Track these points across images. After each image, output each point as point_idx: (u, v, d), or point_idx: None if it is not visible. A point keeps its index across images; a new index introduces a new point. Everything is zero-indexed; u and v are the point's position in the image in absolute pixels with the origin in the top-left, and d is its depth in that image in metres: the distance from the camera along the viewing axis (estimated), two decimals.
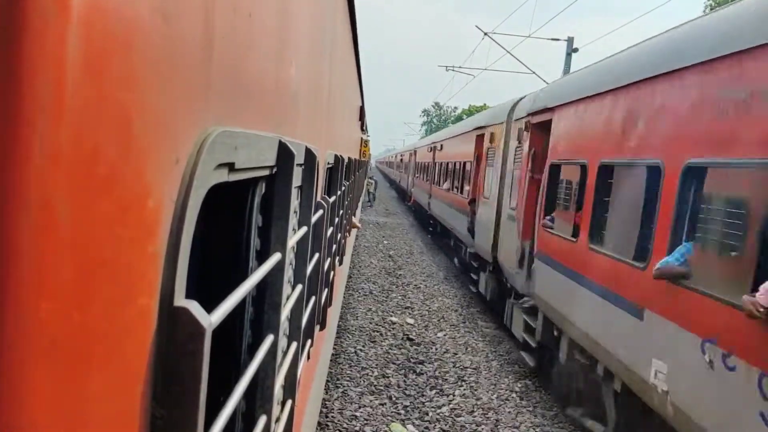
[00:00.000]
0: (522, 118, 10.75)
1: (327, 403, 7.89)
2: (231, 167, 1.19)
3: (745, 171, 4.68)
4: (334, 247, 5.15)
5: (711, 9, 38.24)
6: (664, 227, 5.42)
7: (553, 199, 8.90)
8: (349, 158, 7.34)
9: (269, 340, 1.59)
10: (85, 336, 0.69)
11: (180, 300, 0.91)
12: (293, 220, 2.05)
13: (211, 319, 0.95)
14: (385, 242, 22.57)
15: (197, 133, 1.00)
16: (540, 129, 9.68)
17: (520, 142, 10.78)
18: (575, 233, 7.63)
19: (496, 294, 12.50)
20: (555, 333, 8.43)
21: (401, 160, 49.91)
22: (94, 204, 0.68)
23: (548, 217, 8.87)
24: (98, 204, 0.69)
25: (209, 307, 1.01)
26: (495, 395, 8.78)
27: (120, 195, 0.75)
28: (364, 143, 16.16)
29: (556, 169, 8.87)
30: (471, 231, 14.56)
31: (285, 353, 2.09)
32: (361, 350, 10.25)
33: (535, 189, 9.64)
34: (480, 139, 14.71)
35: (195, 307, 0.91)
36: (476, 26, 23.28)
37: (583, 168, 7.54)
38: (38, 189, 0.58)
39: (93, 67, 0.66)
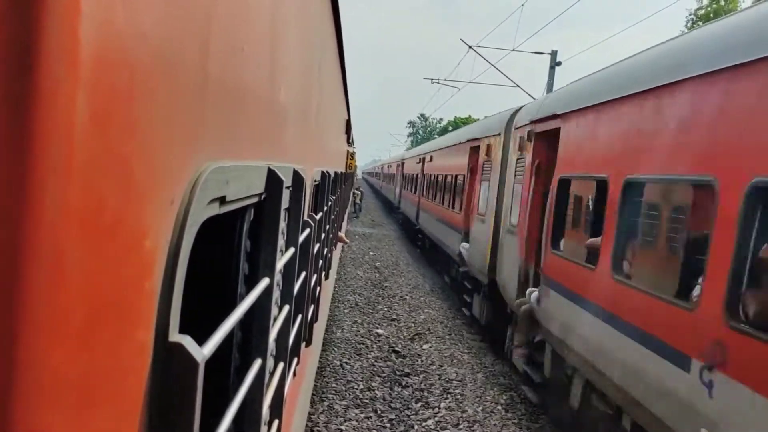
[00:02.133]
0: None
1: (312, 416, 7.87)
2: (222, 200, 1.22)
3: None
4: (321, 262, 5.16)
5: (693, 23, 38.79)
6: None
7: None
8: (335, 172, 7.37)
9: (257, 364, 1.62)
10: (90, 375, 0.72)
11: (174, 335, 0.95)
12: (281, 242, 2.07)
13: (203, 353, 0.98)
14: (372, 254, 22.56)
15: (191, 172, 1.03)
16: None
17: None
18: None
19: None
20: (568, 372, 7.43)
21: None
22: (100, 251, 0.72)
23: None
24: (104, 250, 0.73)
25: (197, 333, 1.04)
26: (480, 408, 8.81)
27: (122, 240, 0.78)
28: (350, 155, 16.20)
29: None
30: None
31: (272, 374, 2.11)
32: (346, 363, 10.25)
33: None
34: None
35: (189, 342, 0.95)
36: (461, 39, 23.48)
37: None
38: (49, 244, 0.61)
39: (98, 122, 0.68)
